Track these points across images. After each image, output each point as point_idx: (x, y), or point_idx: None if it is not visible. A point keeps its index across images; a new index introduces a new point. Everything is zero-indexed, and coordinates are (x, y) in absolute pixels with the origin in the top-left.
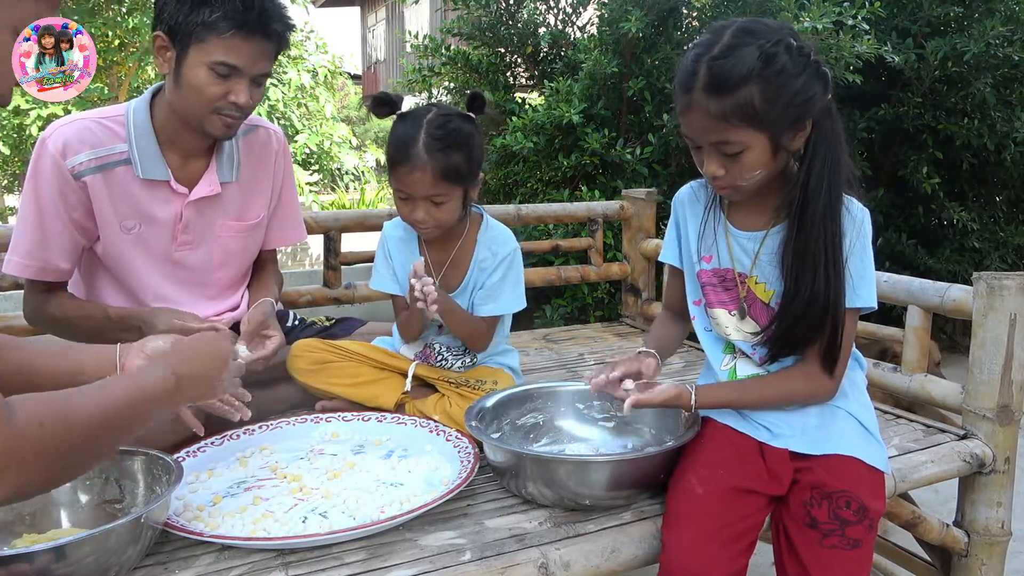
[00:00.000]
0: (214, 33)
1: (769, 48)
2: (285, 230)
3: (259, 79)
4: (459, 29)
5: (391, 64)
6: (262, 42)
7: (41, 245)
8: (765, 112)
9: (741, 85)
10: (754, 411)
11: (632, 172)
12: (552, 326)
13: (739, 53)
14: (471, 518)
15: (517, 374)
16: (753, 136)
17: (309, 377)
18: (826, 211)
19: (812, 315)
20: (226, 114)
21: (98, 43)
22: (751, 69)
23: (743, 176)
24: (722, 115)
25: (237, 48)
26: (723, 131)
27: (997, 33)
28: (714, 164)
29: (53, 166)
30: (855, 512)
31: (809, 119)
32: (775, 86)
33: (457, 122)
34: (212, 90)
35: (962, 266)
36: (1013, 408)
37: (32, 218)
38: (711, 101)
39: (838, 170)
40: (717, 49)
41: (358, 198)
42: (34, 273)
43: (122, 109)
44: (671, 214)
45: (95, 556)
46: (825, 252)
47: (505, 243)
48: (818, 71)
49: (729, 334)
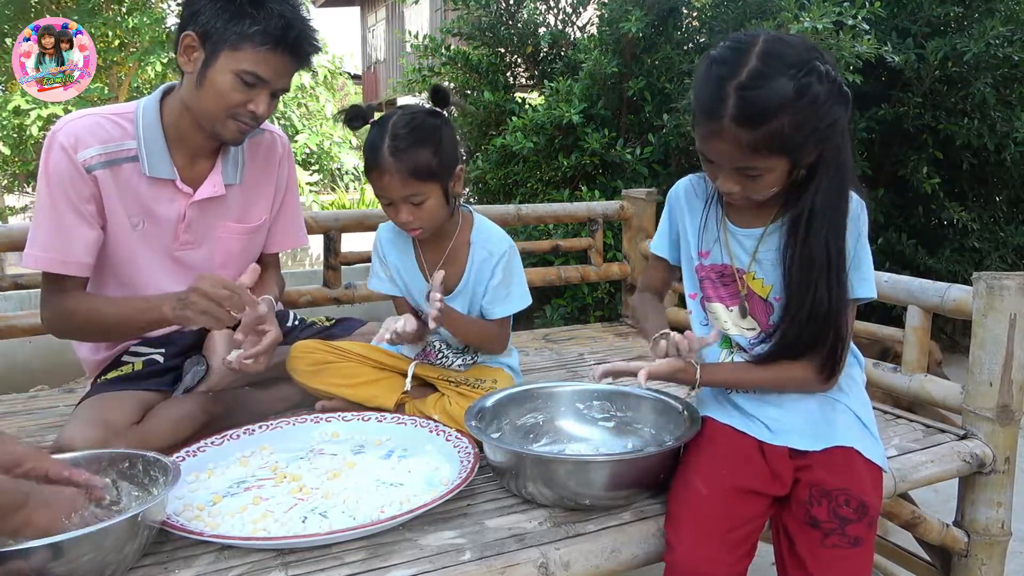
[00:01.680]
0: (250, 44)
1: (802, 78)
2: (287, 234)
3: (278, 92)
4: (459, 29)
5: (391, 64)
6: (291, 60)
7: (60, 237)
8: (793, 140)
9: (774, 117)
10: (749, 403)
11: (632, 172)
12: (552, 326)
13: (772, 84)
14: (471, 518)
15: (517, 374)
16: (778, 162)
17: (309, 378)
18: (833, 222)
19: (815, 324)
20: (241, 121)
21: (98, 43)
22: (784, 101)
23: (758, 192)
24: (752, 146)
25: (268, 62)
26: (750, 159)
27: (997, 33)
28: (731, 183)
29: (65, 159)
30: (855, 510)
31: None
32: (806, 115)
33: (420, 119)
34: (235, 96)
35: (962, 266)
36: (1013, 408)
37: (48, 211)
38: (742, 131)
39: (846, 178)
40: (746, 76)
41: (358, 198)
42: (56, 266)
43: (132, 107)
44: (666, 207)
45: (93, 554)
46: (831, 262)
47: (500, 241)
48: (841, 93)
49: (727, 328)
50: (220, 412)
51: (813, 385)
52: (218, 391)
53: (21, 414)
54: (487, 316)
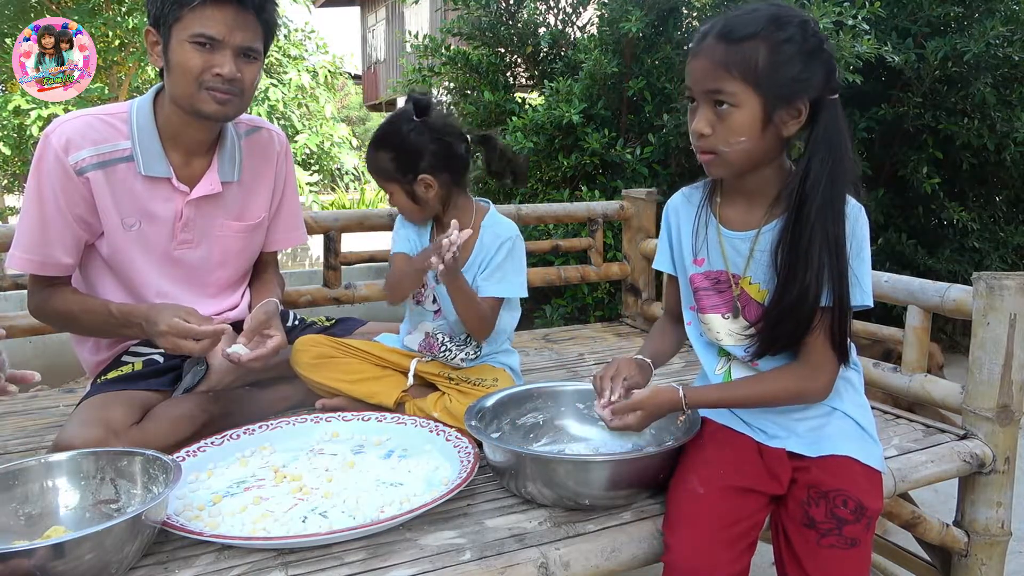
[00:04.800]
0: (187, 8)
1: (786, 17)
2: (286, 232)
3: (246, 52)
4: (459, 29)
5: (391, 64)
6: (237, 11)
7: (43, 240)
8: (765, 74)
9: (749, 39)
10: (746, 410)
11: (632, 172)
12: (552, 326)
13: (757, 13)
14: (471, 518)
15: (517, 375)
16: (747, 95)
17: (311, 371)
18: (824, 209)
19: (800, 313)
20: (214, 88)
21: (98, 43)
22: (763, 29)
23: (728, 140)
24: (724, 62)
25: (211, 17)
26: (721, 79)
27: (997, 33)
28: (703, 120)
29: (56, 162)
30: (852, 511)
31: (805, 102)
32: (781, 52)
33: (390, 126)
34: (194, 63)
35: (962, 266)
36: (1013, 408)
37: (34, 213)
38: (718, 46)
39: (841, 169)
40: (740, 9)
41: (358, 198)
42: (36, 268)
43: (125, 107)
44: (663, 221)
45: (94, 554)
46: (821, 252)
47: (508, 229)
48: (824, 58)
49: (721, 339)
50: (220, 412)
51: (805, 393)
52: (218, 391)
53: (21, 414)
54: (480, 293)
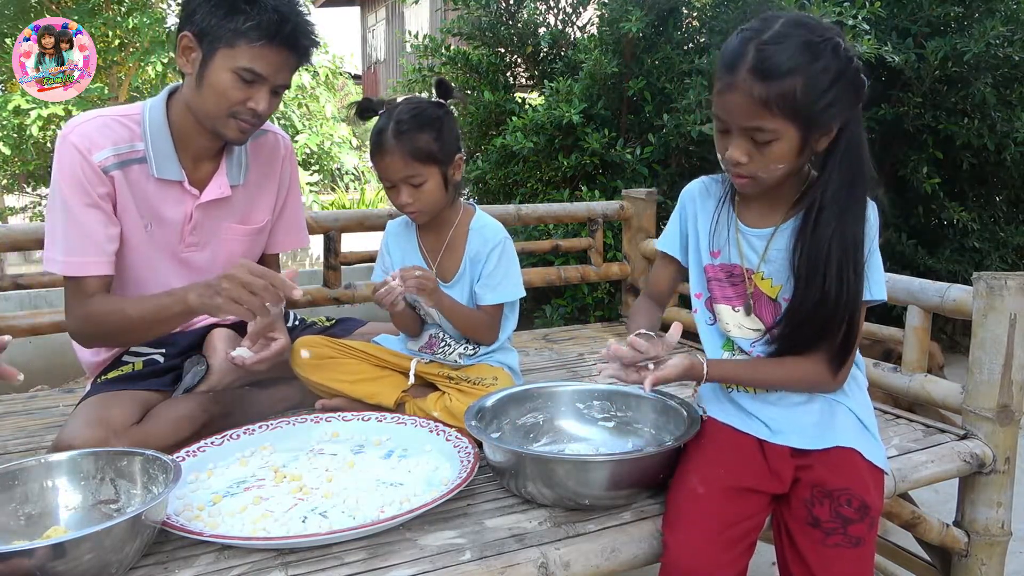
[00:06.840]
0: (245, 40)
1: (820, 45)
2: (289, 235)
3: (278, 89)
4: (459, 29)
5: (391, 64)
6: (289, 55)
7: (78, 239)
8: (805, 106)
9: (788, 75)
10: (751, 402)
11: (632, 172)
12: (552, 326)
13: (791, 44)
14: (471, 518)
15: (516, 375)
16: (787, 128)
17: (311, 372)
18: (844, 216)
19: (820, 318)
20: (243, 119)
21: (98, 43)
22: (800, 62)
23: (767, 167)
24: (764, 101)
25: (265, 57)
26: (760, 117)
27: (997, 33)
28: (740, 150)
29: (81, 161)
30: (856, 510)
31: (838, 121)
32: (819, 82)
33: (424, 107)
34: (234, 94)
35: (962, 266)
36: (1013, 408)
37: (63, 215)
38: (756, 84)
39: (861, 173)
40: (768, 35)
41: (358, 198)
42: (75, 269)
43: (137, 108)
44: (677, 205)
45: (94, 554)
46: (840, 256)
47: (496, 232)
48: (856, 78)
49: (730, 330)
50: (220, 412)
51: (822, 384)
52: (218, 391)
53: (21, 414)
54: (479, 302)
